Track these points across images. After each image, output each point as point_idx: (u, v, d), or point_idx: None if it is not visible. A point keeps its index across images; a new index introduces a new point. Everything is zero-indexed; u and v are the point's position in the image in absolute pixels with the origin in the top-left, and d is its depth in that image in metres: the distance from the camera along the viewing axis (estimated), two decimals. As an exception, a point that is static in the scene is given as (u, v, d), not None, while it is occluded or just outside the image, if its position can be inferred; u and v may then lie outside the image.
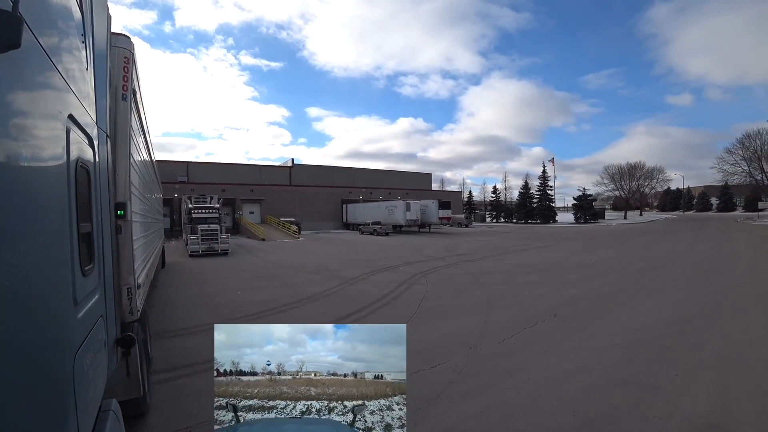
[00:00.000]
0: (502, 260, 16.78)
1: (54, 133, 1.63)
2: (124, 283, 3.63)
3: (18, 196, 1.23)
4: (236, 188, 42.13)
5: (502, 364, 5.45)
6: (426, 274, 12.97)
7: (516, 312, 8.18)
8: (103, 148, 2.97)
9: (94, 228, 2.40)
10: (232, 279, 12.85)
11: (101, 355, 2.40)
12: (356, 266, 15.32)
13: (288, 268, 15.13)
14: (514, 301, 9.16)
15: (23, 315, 1.23)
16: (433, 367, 5.36)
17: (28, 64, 1.32)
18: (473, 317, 7.83)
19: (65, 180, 1.77)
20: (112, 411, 2.30)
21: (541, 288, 10.55)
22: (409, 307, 8.64)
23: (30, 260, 1.32)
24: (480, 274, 13.06)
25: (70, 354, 1.69)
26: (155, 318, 7.57)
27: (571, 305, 8.61)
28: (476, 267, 14.73)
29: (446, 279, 12.13)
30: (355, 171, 57.18)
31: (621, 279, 11.68)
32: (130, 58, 4.12)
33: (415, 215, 37.31)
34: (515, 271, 13.52)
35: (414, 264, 15.76)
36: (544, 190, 58.94)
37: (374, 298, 9.44)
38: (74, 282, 1.84)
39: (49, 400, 1.44)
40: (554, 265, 15.06)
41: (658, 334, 6.48)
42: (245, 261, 18.29)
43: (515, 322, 7.39)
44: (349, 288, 10.83)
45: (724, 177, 53.55)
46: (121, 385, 3.39)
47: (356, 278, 12.39)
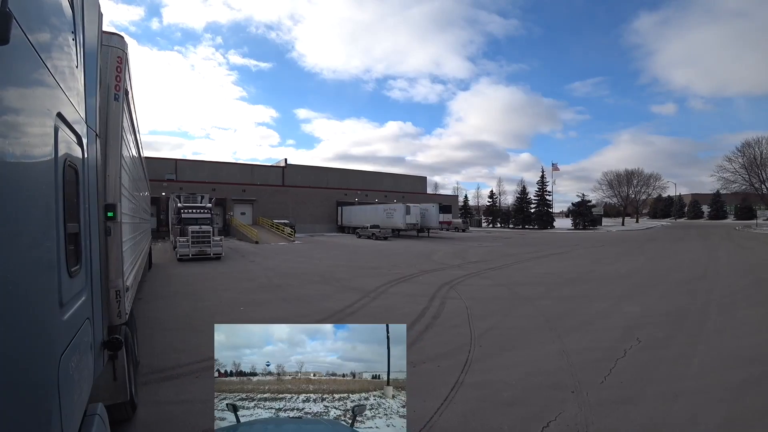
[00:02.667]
0: (525, 269, 15.28)
1: (42, 131, 1.61)
2: (113, 285, 3.52)
3: (4, 195, 1.20)
4: (227, 188, 39.90)
5: (632, 417, 3.92)
6: (453, 286, 11.36)
7: (588, 336, 6.68)
8: (93, 147, 2.91)
9: (81, 228, 2.35)
10: (230, 290, 10.98)
11: (87, 358, 2.34)
12: (367, 275, 13.63)
13: (291, 277, 13.32)
14: (575, 321, 7.64)
15: (6, 316, 1.20)
16: (545, 426, 3.77)
17: (16, 60, 1.30)
18: (544, 344, 6.27)
19: (52, 179, 1.73)
20: (98, 415, 2.26)
21: (594, 304, 9.06)
22: (459, 329, 7.01)
23: (14, 260, 1.29)
24: (513, 285, 11.50)
25: (54, 357, 1.64)
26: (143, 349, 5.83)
27: (644, 326, 7.21)
28: (503, 277, 13.18)
29: (479, 292, 10.54)
30: (349, 172, 55.43)
31: (675, 292, 10.25)
32: (123, 58, 4.02)
33: (414, 219, 35.76)
34: (550, 282, 12.00)
35: (431, 273, 14.15)
36: (543, 195, 57.94)
37: (410, 318, 7.78)
38: (60, 283, 1.79)
39: (33, 403, 1.41)
40: (585, 275, 13.61)
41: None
42: (241, 267, 16.33)
43: (598, 351, 5.92)
44: (372, 304, 9.13)
45: (724, 185, 53.14)
46: (108, 389, 3.31)
47: (375, 290, 10.69)
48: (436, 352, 5.83)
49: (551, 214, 58.02)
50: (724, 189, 54.68)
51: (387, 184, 56.71)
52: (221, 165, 47.08)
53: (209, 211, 21.79)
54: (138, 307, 8.02)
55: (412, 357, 5.59)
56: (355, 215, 41.77)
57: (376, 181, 56.07)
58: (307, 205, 44.94)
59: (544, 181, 58.45)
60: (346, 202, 46.89)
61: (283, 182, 47.60)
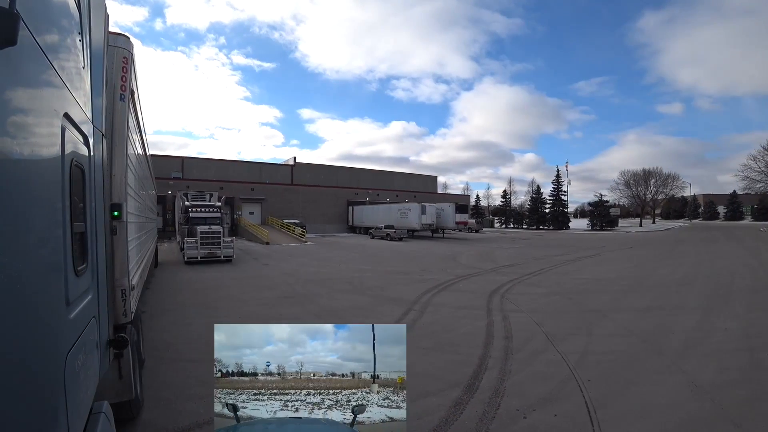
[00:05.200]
0: (568, 274, 13.84)
1: (49, 131, 1.60)
2: (119, 284, 3.49)
3: (12, 194, 1.21)
4: (235, 186, 38.60)
5: None
6: (503, 295, 9.94)
7: (709, 362, 5.37)
8: (99, 147, 2.90)
9: (87, 227, 2.35)
10: (248, 302, 9.54)
11: (93, 356, 2.32)
12: (400, 281, 12.24)
13: (315, 284, 11.91)
14: (676, 341, 6.27)
15: (14, 314, 1.20)
16: None
17: (24, 61, 1.30)
18: (664, 375, 4.98)
19: (59, 178, 1.74)
20: (104, 413, 2.22)
21: (679, 318, 7.68)
22: (546, 356, 5.62)
23: (22, 259, 1.30)
24: (569, 294, 10.07)
25: (61, 355, 1.64)
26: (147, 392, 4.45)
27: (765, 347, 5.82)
28: (551, 283, 11.74)
29: (537, 303, 9.12)
30: (359, 171, 54.03)
31: (763, 302, 8.79)
32: (129, 59, 4.01)
33: (430, 219, 34.34)
34: (608, 290, 10.56)
35: (468, 278, 12.75)
36: (558, 195, 56.17)
37: (478, 339, 6.39)
38: (67, 282, 1.79)
39: (39, 401, 1.40)
40: (641, 281, 12.14)
41: None
42: (256, 272, 14.92)
43: (738, 385, 4.58)
44: (423, 320, 7.69)
45: (748, 185, 50.92)
46: (113, 387, 3.30)
47: (417, 302, 9.29)
48: (537, 393, 4.43)
49: (567, 214, 56.27)
50: (748, 189, 52.36)
51: (397, 183, 55.27)
52: (229, 163, 45.80)
53: (219, 210, 20.42)
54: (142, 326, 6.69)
55: (514, 402, 4.20)
56: (367, 215, 40.37)
57: (386, 180, 54.64)
58: (317, 204, 43.60)
59: (559, 180, 56.71)
60: (357, 201, 45.52)
61: (291, 181, 46.29)
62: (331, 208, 44.62)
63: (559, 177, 56.95)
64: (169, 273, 14.54)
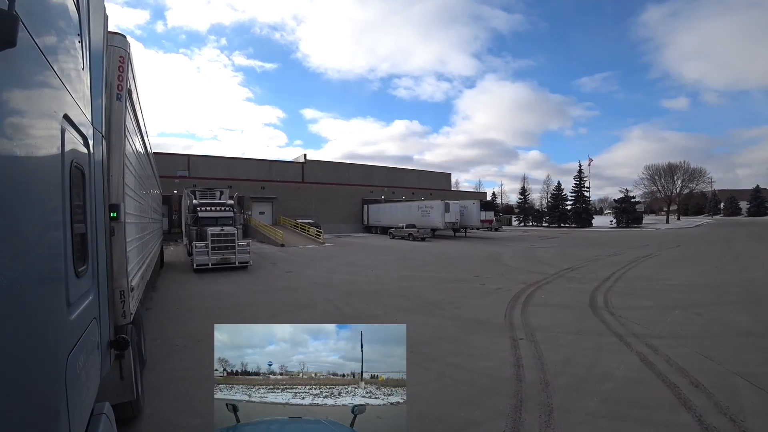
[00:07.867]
0: (653, 280, 11.49)
1: (49, 133, 1.59)
2: (117, 285, 3.43)
3: (12, 196, 1.20)
4: (244, 185, 36.23)
5: None
6: (609, 310, 7.67)
7: None
8: (99, 148, 2.86)
9: (88, 229, 2.31)
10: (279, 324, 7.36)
11: (94, 357, 2.28)
12: (464, 293, 9.97)
13: (359, 298, 9.59)
14: None
15: (15, 315, 1.18)
16: None
17: (23, 63, 1.29)
18: None
19: (59, 180, 1.72)
20: (105, 414, 2.20)
21: None
22: None
23: (23, 260, 1.28)
24: (690, 307, 7.75)
25: (62, 356, 1.62)
26: None
27: None
28: (650, 293, 9.42)
29: (662, 321, 6.84)
30: (371, 168, 51.79)
31: None
32: (126, 58, 3.96)
33: (454, 218, 32.03)
34: (729, 300, 8.26)
35: (541, 287, 10.49)
36: (580, 191, 53.55)
37: (654, 393, 4.15)
38: (67, 283, 1.77)
39: (41, 402, 1.39)
40: (746, 285, 9.80)
41: None
42: (280, 282, 12.49)
43: None
44: (548, 358, 5.35)
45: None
46: (115, 388, 3.28)
47: (512, 325, 7.06)
48: None
49: (590, 211, 53.62)
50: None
51: (410, 180, 52.93)
52: (237, 161, 43.63)
53: (232, 209, 18.09)
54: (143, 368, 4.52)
55: None
56: (384, 214, 38.08)
57: (399, 177, 52.29)
58: (331, 203, 41.31)
59: (581, 176, 54.04)
60: (372, 199, 43.24)
61: (303, 179, 44.11)
62: (344, 206, 42.33)
63: (582, 172, 54.43)
64: (176, 284, 12.07)
